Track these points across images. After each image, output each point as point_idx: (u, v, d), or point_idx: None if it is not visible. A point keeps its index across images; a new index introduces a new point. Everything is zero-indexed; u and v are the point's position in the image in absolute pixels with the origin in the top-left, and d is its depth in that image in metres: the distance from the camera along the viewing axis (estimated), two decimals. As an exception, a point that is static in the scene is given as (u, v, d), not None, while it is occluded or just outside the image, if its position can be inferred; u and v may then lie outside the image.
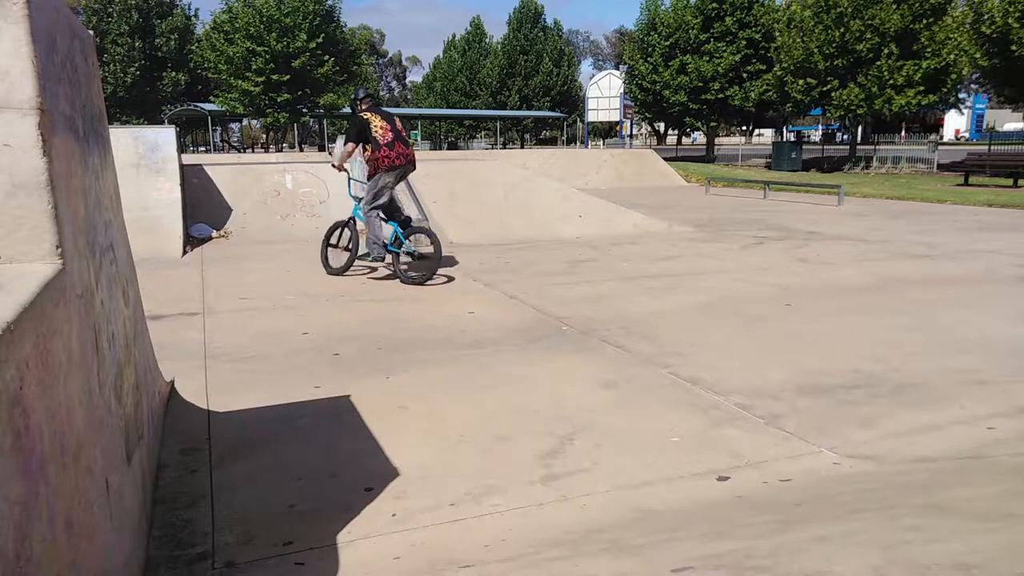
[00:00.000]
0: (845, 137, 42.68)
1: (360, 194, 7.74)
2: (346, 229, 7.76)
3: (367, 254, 7.45)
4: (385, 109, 7.81)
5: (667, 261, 8.41)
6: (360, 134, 7.19)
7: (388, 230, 7.37)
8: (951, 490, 2.65)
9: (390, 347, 4.92)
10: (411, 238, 7.37)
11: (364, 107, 7.34)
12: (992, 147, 22.30)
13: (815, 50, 25.91)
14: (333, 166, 7.60)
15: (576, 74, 55.25)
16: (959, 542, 1.83)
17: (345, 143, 7.41)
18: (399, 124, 7.34)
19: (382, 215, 7.31)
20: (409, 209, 9.98)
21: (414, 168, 7.46)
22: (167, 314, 5.90)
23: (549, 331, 5.35)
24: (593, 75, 41.29)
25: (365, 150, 7.27)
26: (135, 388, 2.59)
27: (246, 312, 6.04)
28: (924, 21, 24.38)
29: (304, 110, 37.54)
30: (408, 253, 7.27)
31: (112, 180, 2.75)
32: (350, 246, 7.66)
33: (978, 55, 22.51)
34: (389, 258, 7.50)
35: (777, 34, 28.20)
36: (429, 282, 7.14)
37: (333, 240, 7.82)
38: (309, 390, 4.04)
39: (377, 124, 7.18)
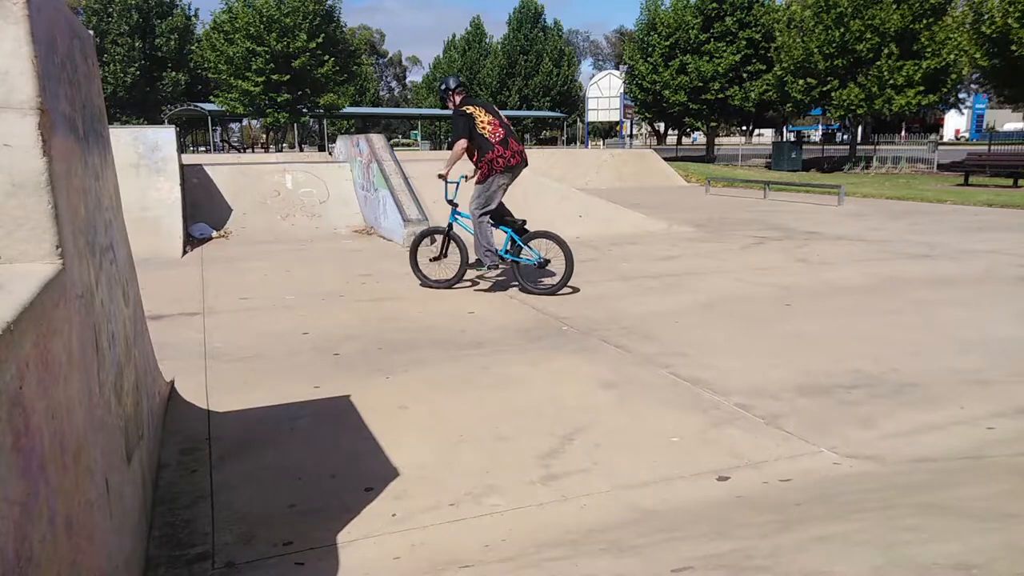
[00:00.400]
0: (845, 137, 42.67)
1: (455, 196, 6.91)
2: (446, 238, 6.95)
3: (479, 263, 6.67)
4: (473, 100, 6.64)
5: (667, 261, 8.41)
6: (469, 130, 6.35)
7: (501, 236, 6.72)
8: (951, 490, 2.64)
9: (390, 347, 4.92)
10: (532, 243, 6.59)
11: (459, 99, 6.53)
12: (992, 147, 22.33)
13: (815, 50, 25.92)
14: (440, 175, 6.61)
15: (576, 74, 55.30)
16: (959, 542, 1.83)
17: (455, 140, 6.49)
18: (504, 117, 6.58)
19: (491, 220, 6.60)
20: (409, 209, 9.96)
21: (527, 165, 6.68)
22: (167, 314, 5.90)
23: (549, 331, 5.35)
24: (593, 75, 41.28)
25: (473, 153, 6.49)
26: (135, 388, 2.59)
27: (246, 312, 6.04)
28: (924, 21, 24.39)
29: (304, 110, 37.56)
30: (538, 262, 6.52)
31: (112, 180, 2.75)
32: (447, 253, 6.94)
33: (978, 55, 22.51)
34: (503, 266, 6.80)
35: (777, 34, 28.21)
36: (560, 292, 6.51)
37: (430, 251, 7.01)
38: (309, 390, 4.04)
39: (484, 119, 6.37)
